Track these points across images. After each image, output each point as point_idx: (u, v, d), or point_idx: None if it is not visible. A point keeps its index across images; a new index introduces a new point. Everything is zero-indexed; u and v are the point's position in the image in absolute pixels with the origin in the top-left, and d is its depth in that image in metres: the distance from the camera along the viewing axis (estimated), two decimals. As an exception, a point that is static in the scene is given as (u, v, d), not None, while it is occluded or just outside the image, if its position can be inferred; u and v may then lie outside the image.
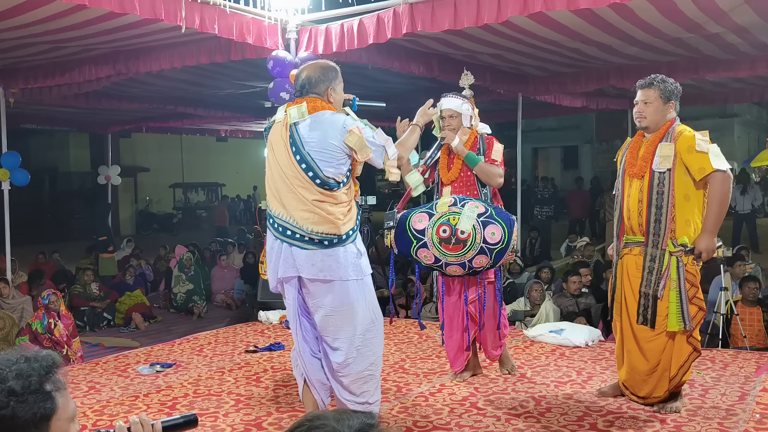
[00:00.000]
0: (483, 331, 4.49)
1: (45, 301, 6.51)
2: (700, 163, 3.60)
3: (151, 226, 23.40)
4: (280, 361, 5.17)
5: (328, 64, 3.53)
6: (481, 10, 5.49)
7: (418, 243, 4.14)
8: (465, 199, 4.23)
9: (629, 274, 3.83)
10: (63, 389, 1.43)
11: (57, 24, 6.12)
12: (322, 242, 3.30)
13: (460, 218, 4.07)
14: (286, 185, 3.34)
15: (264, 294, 7.00)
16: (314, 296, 3.38)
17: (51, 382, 1.40)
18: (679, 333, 3.69)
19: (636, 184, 3.78)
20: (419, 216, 4.19)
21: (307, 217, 3.29)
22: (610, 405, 3.97)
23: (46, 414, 1.37)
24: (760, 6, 6.03)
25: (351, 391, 3.44)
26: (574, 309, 6.98)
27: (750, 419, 3.65)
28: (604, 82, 9.06)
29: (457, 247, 4.06)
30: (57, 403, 1.39)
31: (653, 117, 3.77)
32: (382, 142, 3.37)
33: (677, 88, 3.83)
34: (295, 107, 3.39)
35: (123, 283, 10.12)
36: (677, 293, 3.65)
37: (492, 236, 4.04)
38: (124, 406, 4.18)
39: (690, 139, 3.65)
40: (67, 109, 11.69)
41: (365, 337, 3.42)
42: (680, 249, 3.65)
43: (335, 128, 3.30)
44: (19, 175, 8.54)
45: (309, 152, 3.29)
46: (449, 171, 4.48)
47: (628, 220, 3.83)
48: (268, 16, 6.60)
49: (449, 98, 4.47)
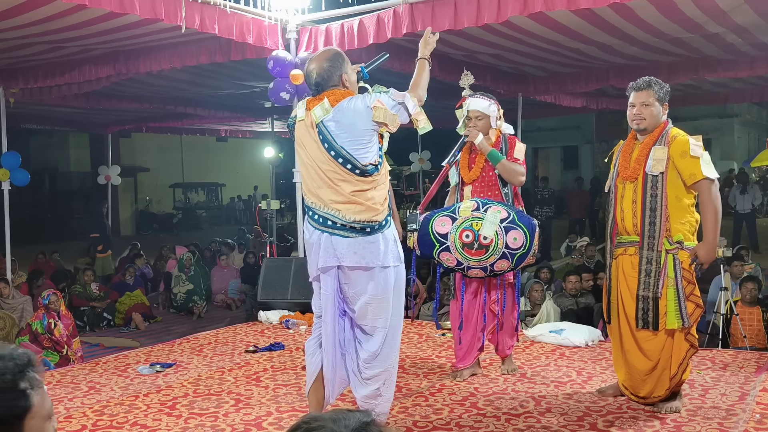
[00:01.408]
0: (501, 331, 4.53)
1: (45, 301, 6.51)
2: (692, 168, 3.63)
3: (151, 226, 23.40)
4: (280, 361, 5.17)
5: (332, 51, 3.54)
6: (481, 10, 5.49)
7: (441, 246, 4.18)
8: (488, 203, 4.24)
9: (625, 273, 3.84)
10: (39, 387, 1.41)
11: (57, 24, 6.12)
12: (364, 230, 3.34)
13: (482, 224, 4.10)
14: (323, 181, 3.37)
15: (264, 294, 6.99)
16: (355, 285, 3.41)
17: (26, 380, 1.38)
18: (677, 330, 3.70)
19: (629, 187, 3.80)
20: (442, 219, 4.21)
21: (349, 207, 3.33)
22: (610, 405, 3.97)
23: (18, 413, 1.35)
24: (760, 6, 6.04)
25: (369, 384, 3.45)
26: (574, 308, 6.98)
27: (750, 419, 3.65)
28: (604, 82, 9.06)
29: (479, 252, 4.09)
30: (32, 401, 1.38)
31: (651, 119, 3.78)
32: (400, 100, 3.37)
33: (669, 90, 3.87)
34: (318, 106, 3.39)
35: (123, 283, 10.12)
36: (675, 291, 3.67)
37: (514, 241, 4.08)
38: (124, 406, 4.18)
39: (684, 143, 3.67)
40: (67, 109, 11.69)
41: (393, 327, 3.47)
42: (676, 246, 3.67)
43: (360, 115, 3.31)
44: (19, 175, 8.55)
45: (342, 146, 3.32)
46: (470, 170, 4.48)
47: (621, 222, 3.85)
48: (268, 16, 6.61)
49: (477, 99, 4.45)
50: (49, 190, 22.21)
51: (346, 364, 3.52)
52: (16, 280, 8.93)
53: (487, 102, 4.44)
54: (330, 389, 3.51)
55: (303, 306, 6.56)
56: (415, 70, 3.61)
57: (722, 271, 6.71)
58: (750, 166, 16.73)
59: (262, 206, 8.57)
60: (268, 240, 8.99)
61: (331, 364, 3.46)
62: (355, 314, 3.46)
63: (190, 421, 3.89)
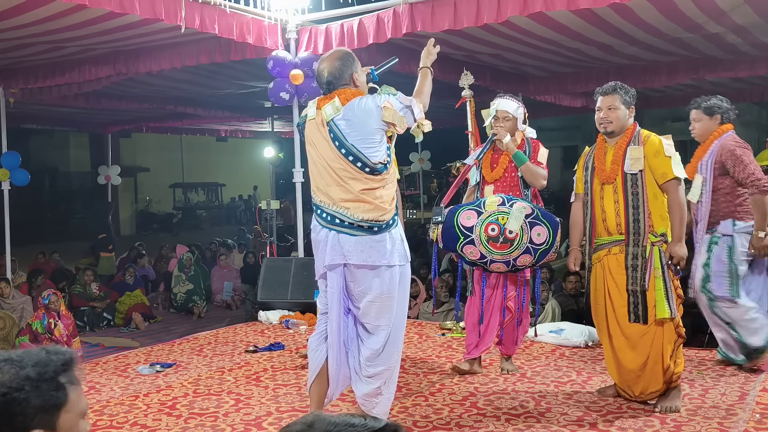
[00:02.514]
0: (519, 327, 4.59)
1: (45, 301, 6.52)
2: (664, 168, 3.77)
3: (151, 226, 23.41)
4: (280, 360, 5.17)
5: (343, 51, 3.62)
6: (481, 10, 5.49)
7: (465, 239, 4.25)
8: (513, 198, 4.32)
9: (612, 272, 3.89)
10: (77, 384, 1.50)
11: (57, 24, 6.12)
12: (371, 228, 3.38)
13: (508, 218, 4.18)
14: (333, 179, 3.40)
15: (264, 294, 6.99)
16: (361, 283, 3.44)
17: (66, 376, 1.47)
18: (667, 321, 3.76)
19: (608, 188, 3.89)
20: (468, 213, 4.28)
21: (358, 206, 3.36)
22: (610, 405, 3.97)
23: (56, 403, 1.43)
24: (760, 6, 6.04)
25: (370, 382, 3.47)
26: (574, 308, 6.98)
27: (750, 419, 3.65)
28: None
29: (504, 246, 4.18)
30: (69, 395, 1.45)
31: (618, 122, 3.90)
32: (408, 103, 3.45)
33: (635, 95, 4.01)
34: (329, 104, 3.43)
35: (123, 283, 10.12)
36: (662, 281, 3.75)
37: (538, 237, 4.19)
38: (124, 406, 4.18)
39: (657, 144, 3.80)
40: (67, 109, 11.69)
41: (397, 327, 3.50)
42: (660, 239, 3.77)
43: (370, 114, 3.36)
44: (19, 175, 8.55)
45: (353, 144, 3.35)
46: (493, 170, 4.55)
47: (603, 222, 3.92)
48: (268, 16, 6.60)
49: (506, 100, 4.55)
50: (49, 190, 22.23)
51: (349, 362, 3.54)
52: (16, 280, 8.93)
53: (516, 104, 4.55)
54: (334, 386, 3.54)
55: (303, 306, 6.56)
56: (419, 78, 3.71)
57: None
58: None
59: (262, 206, 8.58)
60: (268, 240, 9.00)
61: (335, 361, 3.48)
62: (360, 312, 3.49)
63: (190, 421, 3.89)
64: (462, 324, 5.49)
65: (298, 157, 7.09)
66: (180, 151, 25.00)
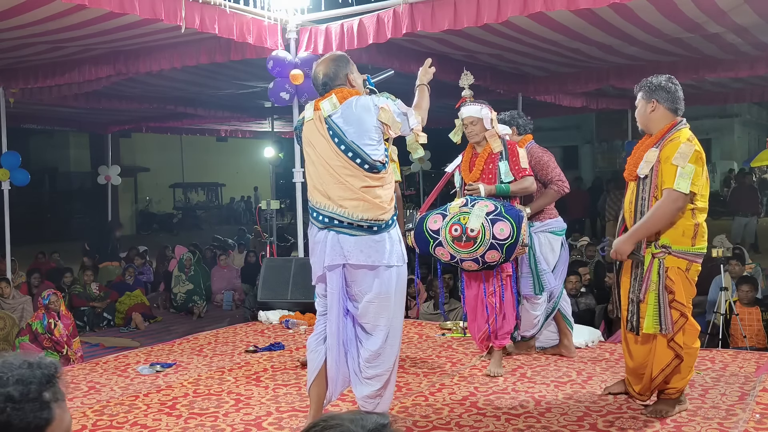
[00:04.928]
0: (504, 320, 4.65)
1: (45, 301, 6.52)
2: (666, 175, 3.51)
3: (151, 226, 23.42)
4: (280, 361, 5.17)
5: (338, 53, 3.69)
6: (481, 10, 5.49)
7: (434, 242, 4.43)
8: (476, 199, 4.46)
9: (624, 273, 3.84)
10: (62, 400, 1.40)
11: (57, 24, 6.13)
12: (371, 228, 3.40)
13: (469, 217, 4.32)
14: (332, 177, 3.41)
15: (264, 294, 6.99)
16: (360, 283, 3.46)
17: (50, 392, 1.37)
18: (659, 336, 3.61)
19: (631, 186, 3.79)
20: (434, 218, 4.47)
21: (357, 205, 3.37)
22: (610, 405, 3.97)
23: (40, 424, 1.34)
24: (760, 6, 6.04)
25: (370, 384, 3.48)
26: (575, 309, 6.97)
27: (750, 419, 3.64)
28: (604, 82, 9.06)
29: (468, 244, 4.31)
30: (53, 414, 1.36)
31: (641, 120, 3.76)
32: (404, 111, 3.50)
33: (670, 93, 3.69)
34: (326, 100, 3.47)
35: (123, 283, 10.12)
36: (656, 295, 3.58)
37: (501, 232, 4.27)
38: (124, 406, 4.18)
39: (673, 148, 3.53)
40: (67, 109, 11.70)
41: (394, 327, 3.52)
42: (662, 250, 3.58)
43: (368, 111, 3.40)
44: (19, 175, 8.55)
45: (352, 140, 3.38)
46: (471, 172, 4.66)
47: (624, 222, 3.84)
48: (268, 16, 6.61)
49: (468, 106, 4.63)
50: (49, 190, 22.22)
51: (348, 363, 3.54)
52: (16, 280, 8.94)
53: (478, 107, 4.61)
54: (333, 387, 3.55)
55: (303, 306, 6.56)
56: (416, 95, 3.77)
57: (722, 271, 6.71)
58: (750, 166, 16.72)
59: (262, 206, 8.58)
60: (268, 240, 9.00)
61: (335, 362, 3.49)
62: (358, 312, 3.50)
63: (190, 421, 3.89)
64: (462, 324, 5.59)
65: (298, 157, 7.09)
66: (180, 151, 24.99)
